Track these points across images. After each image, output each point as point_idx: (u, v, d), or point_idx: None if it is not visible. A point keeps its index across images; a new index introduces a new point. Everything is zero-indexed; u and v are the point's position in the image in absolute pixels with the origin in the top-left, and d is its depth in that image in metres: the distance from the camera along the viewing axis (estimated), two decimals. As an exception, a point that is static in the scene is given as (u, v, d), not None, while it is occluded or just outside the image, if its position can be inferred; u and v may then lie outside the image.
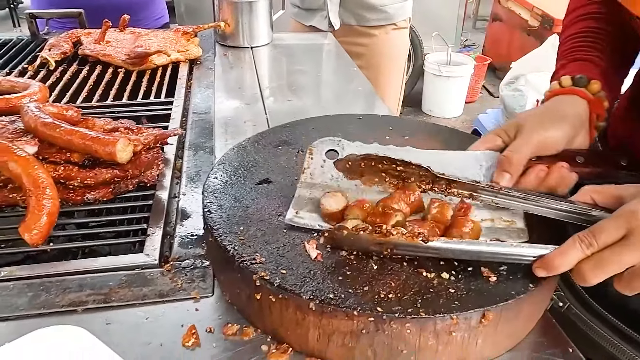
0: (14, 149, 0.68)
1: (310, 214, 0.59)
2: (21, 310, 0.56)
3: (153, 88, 1.15)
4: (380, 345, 0.47)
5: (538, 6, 4.04)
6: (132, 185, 0.77)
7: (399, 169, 0.60)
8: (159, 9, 2.12)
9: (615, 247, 0.48)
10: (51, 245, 0.66)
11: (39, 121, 0.75)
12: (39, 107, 0.79)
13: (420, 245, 0.50)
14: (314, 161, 0.63)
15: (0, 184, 0.72)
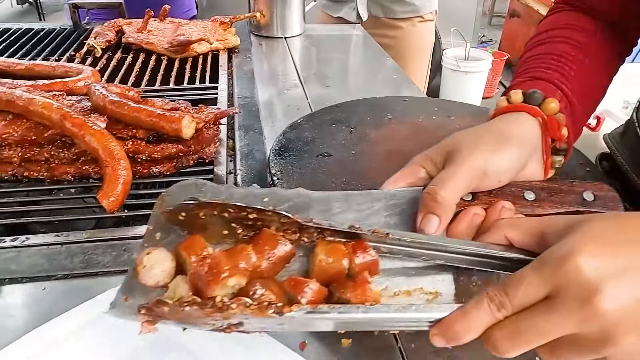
0: (90, 124, 0.73)
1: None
2: (107, 267, 0.61)
3: (197, 75, 1.20)
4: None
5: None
6: (192, 160, 0.81)
7: (252, 216, 0.42)
8: (187, 2, 2.18)
9: (535, 311, 0.34)
10: (125, 212, 0.71)
11: (107, 99, 0.80)
12: (104, 86, 0.84)
13: (275, 318, 0.36)
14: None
15: (74, 157, 0.77)
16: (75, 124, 0.73)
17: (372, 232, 0.42)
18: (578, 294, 0.33)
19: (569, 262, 0.33)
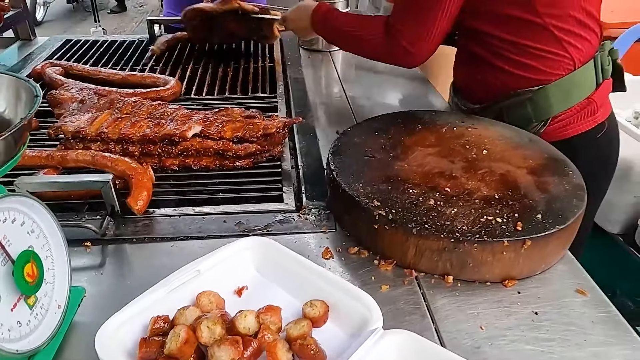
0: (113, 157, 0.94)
1: None
2: (214, 232, 0.86)
3: (258, 85, 1.44)
4: (455, 259, 0.74)
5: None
6: (265, 157, 1.06)
7: None
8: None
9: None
10: (220, 195, 0.95)
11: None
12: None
13: None
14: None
15: (178, 153, 1.02)
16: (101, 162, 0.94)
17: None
18: None
19: None
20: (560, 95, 1.09)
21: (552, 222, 0.76)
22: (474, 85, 1.19)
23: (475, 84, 1.18)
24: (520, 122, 1.10)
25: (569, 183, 0.85)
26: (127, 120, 1.03)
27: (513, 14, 1.04)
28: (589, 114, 1.13)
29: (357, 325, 0.63)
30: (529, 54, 1.07)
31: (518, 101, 1.10)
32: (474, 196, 0.81)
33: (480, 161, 0.91)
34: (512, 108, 1.11)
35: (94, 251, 0.82)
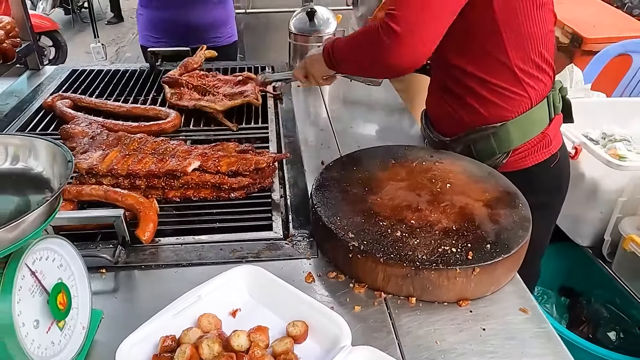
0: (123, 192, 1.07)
1: None
2: (212, 260, 0.99)
3: (252, 115, 1.57)
4: (417, 284, 0.88)
5: (568, 24, 4.30)
6: (256, 188, 1.19)
7: None
8: (231, 29, 2.59)
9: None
10: (217, 224, 1.09)
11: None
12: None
13: None
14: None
15: (180, 186, 1.15)
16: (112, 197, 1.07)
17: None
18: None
19: None
20: (519, 131, 1.23)
21: (499, 252, 0.89)
22: (444, 118, 1.33)
23: (446, 117, 1.31)
24: (485, 153, 1.24)
25: (517, 215, 0.99)
26: (134, 157, 1.16)
27: (489, 50, 1.15)
28: (544, 146, 1.27)
29: (331, 342, 0.77)
30: (496, 92, 1.20)
31: (483, 135, 1.23)
32: (434, 228, 0.95)
33: (443, 194, 1.05)
34: (478, 141, 1.25)
35: (108, 277, 0.95)
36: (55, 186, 0.69)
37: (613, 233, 1.86)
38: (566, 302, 2.32)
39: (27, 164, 0.70)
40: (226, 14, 2.53)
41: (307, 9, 1.82)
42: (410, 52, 1.04)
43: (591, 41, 3.74)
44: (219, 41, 2.50)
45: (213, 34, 2.47)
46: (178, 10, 2.27)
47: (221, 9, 2.48)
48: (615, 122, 2.14)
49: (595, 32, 3.78)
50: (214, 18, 2.45)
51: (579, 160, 1.91)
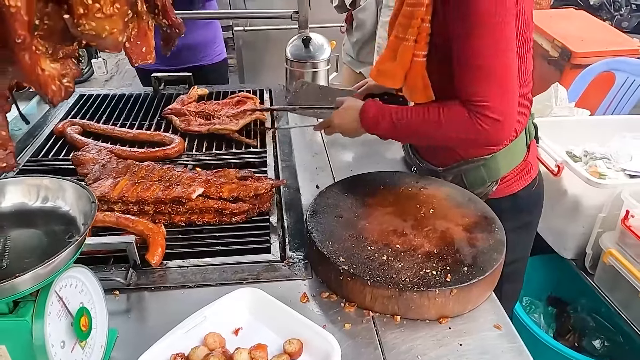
0: (133, 218, 1.17)
1: None
2: (215, 281, 1.08)
3: (250, 139, 1.67)
4: (401, 303, 0.97)
5: (558, 39, 4.43)
6: (255, 212, 1.29)
7: None
8: (220, 47, 2.69)
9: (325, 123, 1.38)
10: (220, 247, 1.18)
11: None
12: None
13: None
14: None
15: (185, 211, 1.25)
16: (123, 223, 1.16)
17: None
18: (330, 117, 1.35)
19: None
20: (506, 160, 1.31)
21: (475, 274, 0.99)
22: (437, 150, 1.39)
23: (439, 149, 1.37)
24: (476, 182, 1.32)
25: (493, 239, 1.09)
26: (142, 185, 1.26)
27: None
28: (527, 172, 1.37)
29: (323, 358, 0.86)
30: None
31: (474, 166, 1.30)
32: (417, 251, 1.05)
33: (427, 219, 1.15)
34: (469, 171, 1.32)
35: (122, 298, 1.05)
36: (80, 223, 0.79)
37: (594, 247, 1.96)
38: (553, 311, 2.41)
39: (55, 204, 0.80)
40: (214, 33, 2.64)
41: (303, 37, 1.93)
42: (510, 130, 1.14)
43: (580, 55, 3.86)
44: (208, 59, 2.61)
45: (203, 53, 2.58)
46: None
47: (208, 29, 2.59)
48: (597, 140, 2.25)
49: (583, 47, 3.90)
50: (202, 38, 2.57)
51: (562, 177, 2.02)
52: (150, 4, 0.69)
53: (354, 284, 1.00)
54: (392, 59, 1.23)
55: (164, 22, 0.75)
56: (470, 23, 1.07)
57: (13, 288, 0.67)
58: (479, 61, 1.08)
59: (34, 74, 0.50)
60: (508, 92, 1.10)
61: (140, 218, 1.19)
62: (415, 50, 1.18)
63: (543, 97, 2.58)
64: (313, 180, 1.46)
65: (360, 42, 2.37)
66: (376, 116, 1.23)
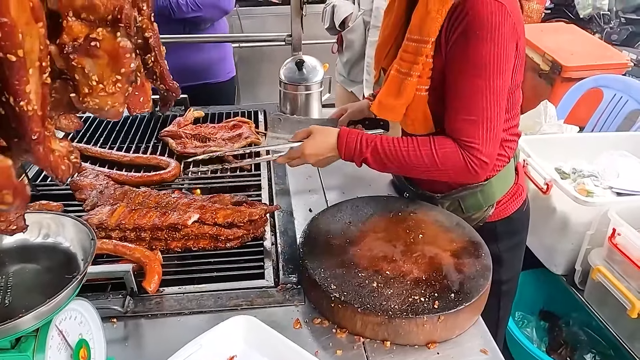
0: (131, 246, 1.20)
1: None
2: (210, 307, 1.11)
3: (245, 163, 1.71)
4: (390, 330, 1.00)
5: (549, 52, 4.50)
6: (249, 237, 1.32)
7: None
8: (229, 66, 2.73)
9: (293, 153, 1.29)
10: (215, 273, 1.21)
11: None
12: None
13: None
14: None
15: (181, 237, 1.28)
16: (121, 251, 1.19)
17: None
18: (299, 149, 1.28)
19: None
20: (500, 184, 1.36)
21: (461, 300, 1.03)
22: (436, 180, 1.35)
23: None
24: (473, 207, 1.36)
25: (479, 264, 1.13)
26: (139, 212, 1.29)
27: None
28: (519, 195, 1.42)
29: (315, 385, 0.89)
30: None
31: (471, 192, 1.34)
32: (406, 278, 1.08)
33: (416, 244, 1.18)
34: (467, 197, 1.35)
35: (119, 326, 1.07)
36: (80, 259, 0.82)
37: (583, 263, 2.00)
38: (545, 325, 2.44)
39: (56, 240, 0.83)
40: (224, 52, 2.68)
41: (296, 60, 1.97)
42: (489, 168, 1.19)
43: (570, 69, 3.93)
44: (217, 78, 2.65)
45: (211, 72, 2.61)
46: (175, 52, 2.41)
47: (219, 47, 2.63)
48: (585, 157, 2.30)
49: (573, 60, 3.98)
50: (210, 57, 2.60)
51: (551, 195, 2.06)
52: (149, 71, 0.73)
53: (345, 311, 1.03)
54: (396, 94, 1.23)
55: (162, 87, 0.79)
56: (470, 66, 1.11)
57: (16, 327, 0.70)
58: (472, 106, 1.13)
59: (47, 160, 0.54)
60: (495, 137, 1.16)
61: (137, 245, 1.22)
62: (418, 84, 1.21)
63: (533, 114, 2.63)
64: (306, 204, 1.49)
65: (350, 62, 2.42)
66: (358, 144, 1.22)
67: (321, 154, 1.27)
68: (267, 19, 3.72)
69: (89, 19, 0.53)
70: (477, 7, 1.09)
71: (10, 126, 0.49)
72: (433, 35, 1.15)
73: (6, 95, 0.47)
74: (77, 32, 0.53)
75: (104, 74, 0.57)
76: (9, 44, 0.44)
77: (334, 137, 1.25)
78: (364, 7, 2.27)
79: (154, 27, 0.69)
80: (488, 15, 1.08)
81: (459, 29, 1.11)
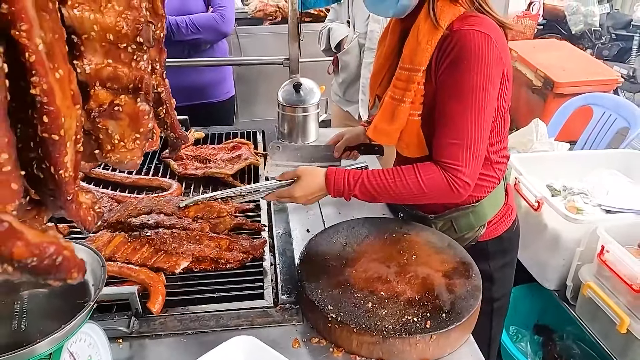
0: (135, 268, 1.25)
1: None
2: (212, 327, 1.16)
3: (245, 183, 1.76)
4: (385, 349, 1.05)
5: (541, 69, 4.59)
6: (249, 259, 1.37)
7: None
8: (229, 86, 2.79)
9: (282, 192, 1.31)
10: (216, 293, 1.26)
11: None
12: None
13: None
14: None
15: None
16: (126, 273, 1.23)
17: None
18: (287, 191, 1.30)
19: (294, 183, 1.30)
20: (490, 205, 1.42)
21: (452, 320, 1.07)
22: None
23: None
24: (465, 228, 1.42)
25: (470, 284, 1.18)
26: (134, 245, 1.31)
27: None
28: (509, 215, 1.48)
29: (313, 403, 0.94)
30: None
31: (464, 213, 1.40)
32: (400, 298, 1.13)
33: (409, 265, 1.24)
34: (459, 218, 1.41)
35: (125, 346, 1.12)
36: (91, 284, 0.87)
37: (574, 279, 2.05)
38: (540, 339, 2.48)
39: (68, 268, 0.88)
40: (223, 73, 2.75)
41: (294, 82, 2.04)
42: (469, 188, 1.24)
43: (562, 85, 4.02)
44: (216, 98, 2.72)
45: (211, 92, 2.68)
46: (176, 73, 2.47)
47: (218, 69, 2.70)
48: (576, 173, 2.36)
49: (565, 77, 4.07)
50: (210, 78, 2.67)
51: (542, 212, 2.12)
52: (160, 121, 0.79)
53: (341, 331, 1.08)
54: (390, 119, 1.30)
55: (172, 135, 0.85)
56: (457, 92, 1.19)
57: (32, 352, 0.74)
58: (456, 129, 1.20)
59: (78, 215, 0.59)
60: (478, 159, 1.22)
61: (142, 267, 1.27)
62: (411, 110, 1.27)
63: (524, 132, 2.70)
64: (304, 224, 1.54)
65: (346, 83, 2.48)
66: (346, 183, 1.27)
67: (310, 194, 1.30)
68: (265, 38, 3.80)
69: (113, 87, 0.59)
70: (465, 39, 1.17)
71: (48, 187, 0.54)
72: (424, 65, 1.22)
73: (46, 164, 0.53)
74: (102, 99, 0.59)
75: (125, 134, 0.63)
76: (53, 126, 0.51)
77: (322, 178, 1.29)
78: (359, 30, 2.34)
79: (166, 83, 0.76)
80: (474, 47, 1.16)
81: (448, 58, 1.19)
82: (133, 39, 0.60)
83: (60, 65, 0.52)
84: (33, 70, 0.49)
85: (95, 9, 0.55)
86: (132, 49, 0.60)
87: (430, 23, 1.19)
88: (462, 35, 1.17)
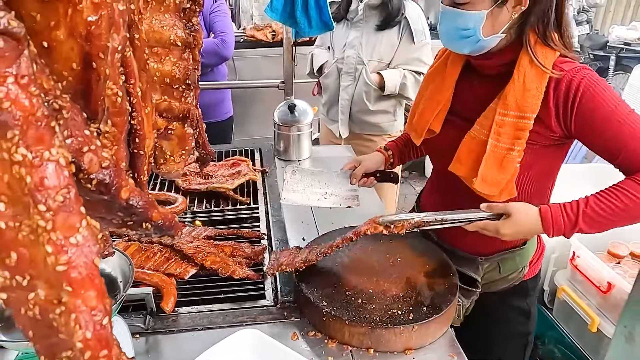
0: (149, 273, 1.40)
1: None
2: (220, 324, 1.30)
3: (244, 197, 1.92)
4: (373, 339, 1.20)
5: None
6: (251, 264, 1.51)
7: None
8: (227, 106, 2.95)
9: (489, 226, 1.22)
10: (222, 295, 1.40)
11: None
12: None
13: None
14: None
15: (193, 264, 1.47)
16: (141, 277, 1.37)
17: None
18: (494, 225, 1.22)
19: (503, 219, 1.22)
20: (532, 244, 1.46)
21: (432, 312, 1.22)
22: (477, 242, 1.41)
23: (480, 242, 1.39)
24: (510, 268, 1.44)
25: (448, 282, 1.33)
26: (148, 253, 1.46)
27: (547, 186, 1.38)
28: (541, 251, 1.53)
29: (311, 385, 1.07)
30: None
31: (511, 255, 1.43)
32: (386, 295, 1.28)
33: (394, 266, 1.39)
34: (506, 260, 1.44)
35: (141, 341, 1.25)
36: (119, 281, 1.01)
37: (550, 283, 2.21)
38: (522, 344, 2.62)
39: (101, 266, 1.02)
40: (222, 95, 2.91)
41: (289, 104, 2.21)
42: None
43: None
44: (216, 118, 2.88)
45: (211, 113, 2.84)
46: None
47: (218, 91, 2.86)
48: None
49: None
50: (211, 99, 2.83)
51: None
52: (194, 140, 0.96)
53: (334, 324, 1.22)
54: (498, 169, 1.24)
55: (202, 152, 1.02)
56: (607, 119, 1.15)
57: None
58: (634, 136, 1.14)
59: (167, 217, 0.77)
60: None
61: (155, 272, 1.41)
62: (518, 157, 1.23)
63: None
64: (300, 233, 1.69)
65: (328, 103, 2.66)
66: (566, 220, 1.17)
67: (519, 233, 1.23)
68: (260, 60, 3.99)
69: (167, 116, 0.77)
70: (577, 76, 1.16)
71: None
72: (535, 112, 1.18)
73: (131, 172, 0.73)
74: (159, 125, 0.77)
75: (174, 150, 0.80)
76: (141, 145, 0.69)
77: (536, 218, 1.20)
78: (337, 55, 2.53)
79: (198, 111, 0.94)
80: (587, 78, 1.15)
81: (575, 102, 1.16)
82: (183, 81, 0.78)
83: (148, 104, 0.70)
84: (133, 108, 0.68)
85: (158, 60, 0.72)
86: (182, 89, 0.79)
87: (537, 68, 1.17)
88: (573, 74, 1.16)
